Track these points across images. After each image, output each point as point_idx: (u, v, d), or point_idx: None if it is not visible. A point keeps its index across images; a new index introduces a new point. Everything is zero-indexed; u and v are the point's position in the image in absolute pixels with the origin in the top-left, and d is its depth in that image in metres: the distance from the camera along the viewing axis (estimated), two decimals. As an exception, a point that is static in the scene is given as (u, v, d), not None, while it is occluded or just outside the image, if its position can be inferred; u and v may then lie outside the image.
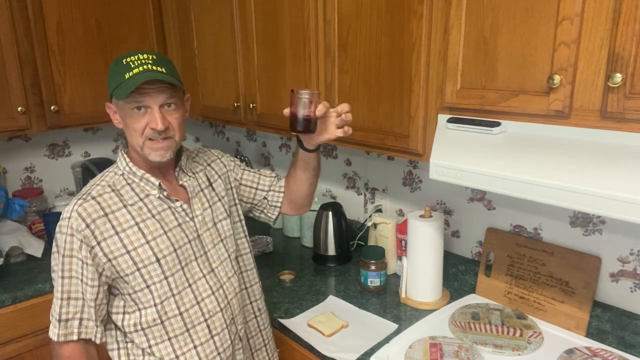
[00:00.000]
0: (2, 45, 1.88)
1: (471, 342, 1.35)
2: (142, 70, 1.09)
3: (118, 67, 1.11)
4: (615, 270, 1.36)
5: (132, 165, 1.18)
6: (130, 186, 1.17)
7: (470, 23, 1.16)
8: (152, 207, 1.17)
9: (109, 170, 1.21)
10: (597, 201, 0.98)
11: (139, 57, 1.11)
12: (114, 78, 1.12)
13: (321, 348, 1.39)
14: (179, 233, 1.18)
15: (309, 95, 1.19)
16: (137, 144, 1.14)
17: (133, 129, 1.12)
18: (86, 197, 1.13)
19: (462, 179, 1.21)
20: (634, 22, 0.90)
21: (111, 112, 1.19)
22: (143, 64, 1.10)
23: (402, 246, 1.78)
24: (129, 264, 1.12)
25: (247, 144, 2.70)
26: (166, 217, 1.18)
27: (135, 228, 1.14)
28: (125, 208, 1.14)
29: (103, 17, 2.15)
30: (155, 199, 1.18)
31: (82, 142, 2.53)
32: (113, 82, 1.12)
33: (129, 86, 1.06)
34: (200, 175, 1.29)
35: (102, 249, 1.11)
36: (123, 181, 1.18)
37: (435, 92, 1.29)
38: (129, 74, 1.09)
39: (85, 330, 1.14)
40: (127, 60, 1.11)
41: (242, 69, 1.94)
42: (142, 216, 1.15)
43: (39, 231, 2.17)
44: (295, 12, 1.64)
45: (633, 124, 0.94)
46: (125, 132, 1.17)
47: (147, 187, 1.18)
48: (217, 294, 1.22)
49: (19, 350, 1.81)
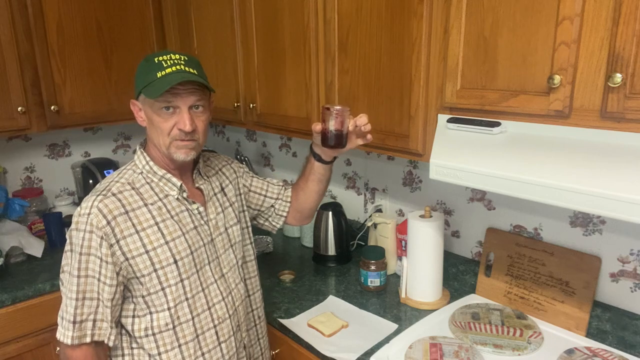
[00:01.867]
0: (2, 45, 1.88)
1: (471, 342, 1.34)
2: (176, 70, 1.08)
3: (149, 65, 1.10)
4: (616, 270, 1.36)
5: (153, 165, 1.16)
6: (149, 185, 1.15)
7: (470, 23, 1.16)
8: (170, 207, 1.15)
9: (126, 168, 1.19)
10: (597, 201, 0.98)
11: (171, 57, 1.10)
12: (145, 76, 1.10)
13: (321, 348, 1.39)
14: (195, 235, 1.17)
15: (341, 111, 1.21)
16: (163, 143, 1.12)
17: (160, 128, 1.11)
18: (106, 194, 1.10)
19: (462, 179, 1.21)
20: (634, 22, 0.90)
21: (135, 110, 1.17)
22: (175, 64, 1.09)
23: (402, 246, 1.78)
24: (146, 264, 1.10)
25: (247, 144, 2.70)
26: (184, 219, 1.16)
27: (155, 228, 1.12)
28: (145, 207, 1.12)
29: (103, 17, 2.15)
30: (174, 200, 1.16)
31: (82, 142, 2.53)
32: (143, 80, 1.10)
33: (163, 85, 1.05)
34: (213, 179, 1.29)
35: (121, 247, 1.08)
36: (142, 180, 1.16)
37: (435, 92, 1.29)
38: (161, 72, 1.08)
39: (99, 332, 1.10)
40: (159, 58, 1.10)
41: (242, 69, 1.94)
42: (162, 216, 1.14)
43: (39, 231, 2.17)
44: (295, 12, 1.64)
45: (633, 124, 0.94)
46: (149, 131, 1.15)
47: (167, 188, 1.16)
48: (227, 300, 1.22)
49: (19, 350, 1.81)
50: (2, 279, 1.87)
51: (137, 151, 1.19)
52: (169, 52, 1.12)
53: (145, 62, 1.12)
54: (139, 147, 1.20)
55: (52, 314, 1.85)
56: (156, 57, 1.10)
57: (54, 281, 1.86)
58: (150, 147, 1.19)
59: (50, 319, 1.86)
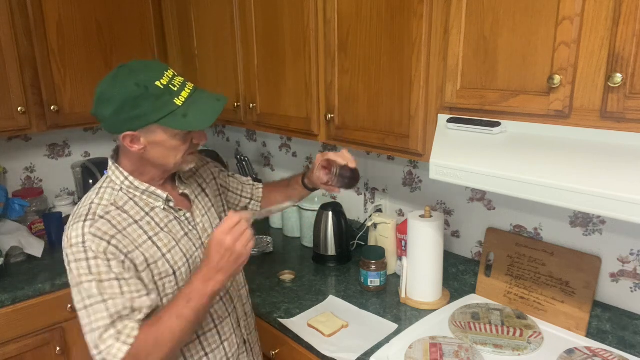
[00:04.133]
0: (2, 45, 1.88)
1: (471, 342, 1.34)
2: (190, 91, 1.03)
3: (150, 92, 0.99)
4: (616, 270, 1.36)
5: (134, 180, 1.10)
6: (133, 201, 1.09)
7: (471, 23, 1.16)
8: (159, 220, 1.11)
9: (101, 187, 1.10)
10: (597, 201, 0.98)
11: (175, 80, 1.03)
12: (152, 104, 0.99)
13: (321, 348, 1.39)
14: (187, 242, 1.15)
15: None
16: (174, 162, 1.08)
17: (179, 150, 1.07)
18: (93, 217, 1.02)
19: (462, 179, 1.21)
20: (634, 22, 0.90)
21: (131, 141, 1.04)
22: (180, 84, 1.03)
23: (402, 246, 1.78)
24: (149, 278, 1.06)
25: (247, 144, 2.70)
26: (173, 229, 1.13)
27: (150, 242, 1.07)
28: (136, 224, 1.07)
29: (103, 17, 2.15)
30: (160, 211, 1.12)
31: (82, 142, 2.53)
32: (153, 109, 1.00)
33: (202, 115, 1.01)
34: (191, 182, 1.26)
35: (132, 260, 1.03)
36: (124, 197, 1.09)
37: (436, 92, 1.29)
38: (178, 99, 1.01)
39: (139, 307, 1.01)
40: (156, 83, 0.99)
41: (242, 69, 1.94)
42: (154, 230, 1.09)
43: (39, 231, 2.17)
44: (295, 12, 1.64)
45: (633, 124, 0.94)
46: (153, 155, 1.06)
47: (151, 200, 1.11)
48: (225, 299, 1.22)
49: (19, 350, 1.81)
50: (2, 279, 1.87)
51: (111, 167, 1.12)
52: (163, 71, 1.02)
53: (145, 89, 0.99)
54: (112, 163, 1.12)
55: (52, 314, 1.87)
56: (155, 80, 1.00)
57: (54, 281, 1.86)
58: (126, 161, 1.11)
59: (50, 319, 1.86)
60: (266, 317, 1.59)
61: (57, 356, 1.90)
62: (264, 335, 1.56)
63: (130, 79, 1.00)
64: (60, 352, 1.89)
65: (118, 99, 1.00)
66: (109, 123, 1.04)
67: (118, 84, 1.01)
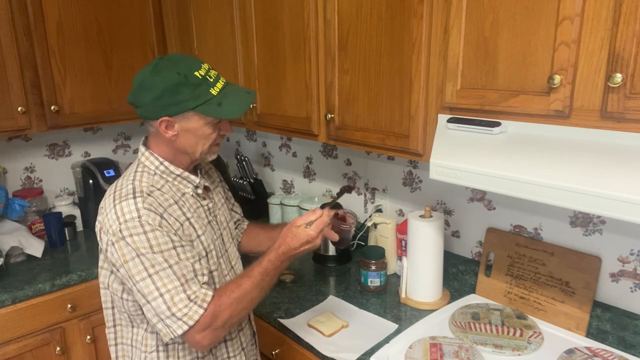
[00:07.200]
0: (2, 45, 1.88)
1: (471, 342, 1.34)
2: (223, 84, 1.12)
3: (189, 80, 1.06)
4: (616, 270, 1.36)
5: (169, 165, 1.15)
6: (167, 185, 1.15)
7: (471, 23, 1.16)
8: (189, 205, 1.17)
9: (137, 171, 1.15)
10: (597, 201, 0.98)
11: (211, 72, 1.11)
12: (191, 92, 1.06)
13: (321, 348, 1.39)
14: (210, 230, 1.21)
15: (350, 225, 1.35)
16: (202, 150, 1.15)
17: (209, 138, 1.15)
18: (142, 194, 1.07)
19: (462, 179, 1.21)
20: (634, 22, 0.90)
21: (166, 126, 1.11)
22: (219, 79, 1.12)
23: (402, 246, 1.78)
24: None
25: (247, 144, 2.70)
26: (200, 215, 1.19)
27: (188, 223, 1.14)
28: (175, 204, 1.13)
29: (103, 17, 2.15)
30: (190, 197, 1.18)
31: (82, 142, 2.53)
32: (190, 97, 1.07)
33: (235, 105, 1.10)
34: (208, 177, 1.32)
35: (180, 236, 1.09)
36: (161, 180, 1.14)
37: (436, 92, 1.29)
38: (213, 89, 1.09)
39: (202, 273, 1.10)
40: (199, 73, 1.08)
41: (242, 69, 1.94)
42: (188, 213, 1.15)
43: (39, 231, 2.17)
44: (295, 12, 1.64)
45: (633, 124, 0.94)
46: (184, 141, 1.13)
47: (181, 186, 1.17)
48: None
49: (19, 350, 1.81)
50: (2, 279, 1.87)
51: (144, 153, 1.16)
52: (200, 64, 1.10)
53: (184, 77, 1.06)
54: (145, 149, 1.17)
55: (52, 314, 1.86)
56: (194, 70, 1.07)
57: (54, 281, 1.86)
58: (157, 148, 1.16)
59: (50, 319, 1.86)
60: (266, 317, 1.59)
61: (57, 356, 1.90)
62: (264, 335, 1.57)
63: (172, 68, 1.07)
64: (60, 352, 1.89)
65: (159, 86, 1.06)
66: (147, 109, 1.10)
67: (160, 72, 1.07)
